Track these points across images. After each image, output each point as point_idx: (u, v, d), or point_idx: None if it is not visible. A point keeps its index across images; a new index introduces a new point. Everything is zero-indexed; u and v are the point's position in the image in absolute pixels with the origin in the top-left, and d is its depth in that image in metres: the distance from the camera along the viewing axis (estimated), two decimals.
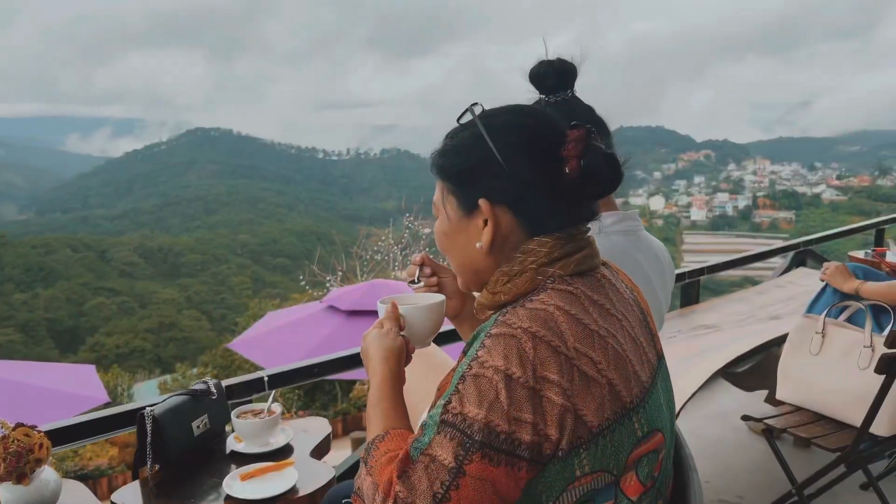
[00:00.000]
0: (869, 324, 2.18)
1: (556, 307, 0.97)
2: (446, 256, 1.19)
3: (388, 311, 1.25)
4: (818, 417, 2.28)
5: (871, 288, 2.51)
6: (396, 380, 1.17)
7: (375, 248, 15.55)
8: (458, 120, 1.14)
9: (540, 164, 1.05)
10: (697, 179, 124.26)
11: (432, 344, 2.07)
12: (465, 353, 1.03)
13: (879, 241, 5.14)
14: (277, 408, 1.81)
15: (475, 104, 1.12)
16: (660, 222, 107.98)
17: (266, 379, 2.07)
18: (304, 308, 9.16)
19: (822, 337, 2.28)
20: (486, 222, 1.08)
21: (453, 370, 1.11)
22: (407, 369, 1.91)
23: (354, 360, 2.27)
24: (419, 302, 1.31)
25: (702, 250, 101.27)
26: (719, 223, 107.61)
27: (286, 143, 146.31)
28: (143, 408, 1.67)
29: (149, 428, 1.64)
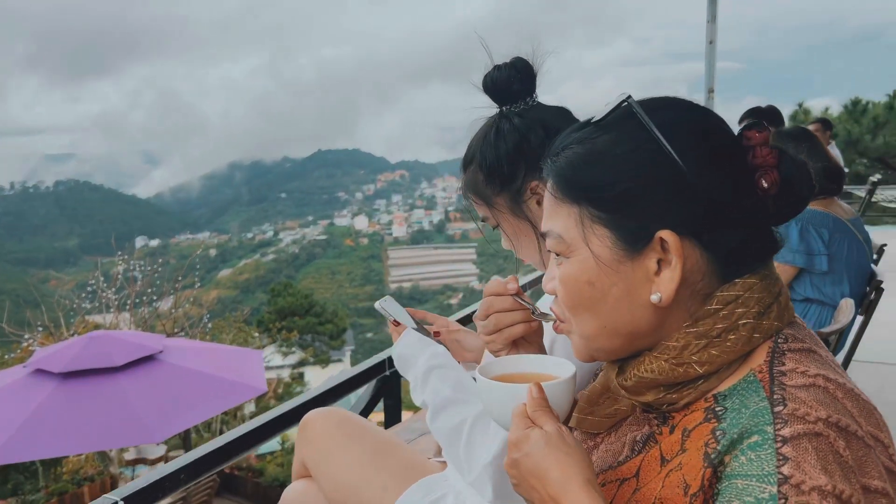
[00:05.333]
0: None
1: (822, 378, 0.71)
2: (575, 314, 0.82)
3: (536, 400, 0.79)
4: None
5: None
6: None
7: (83, 294, 13.39)
8: (596, 121, 0.81)
9: (731, 177, 0.77)
10: (395, 198, 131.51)
11: (367, 420, 1.63)
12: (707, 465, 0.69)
13: None
14: None
15: (629, 96, 0.79)
16: (365, 241, 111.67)
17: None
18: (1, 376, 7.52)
19: None
20: (659, 263, 0.76)
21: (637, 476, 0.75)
22: (346, 454, 1.46)
23: (218, 456, 1.68)
24: (551, 372, 0.90)
25: (406, 263, 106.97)
26: (418, 237, 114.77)
27: None
28: None
29: None
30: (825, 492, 0.61)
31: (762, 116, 4.69)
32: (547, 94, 1.29)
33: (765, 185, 0.76)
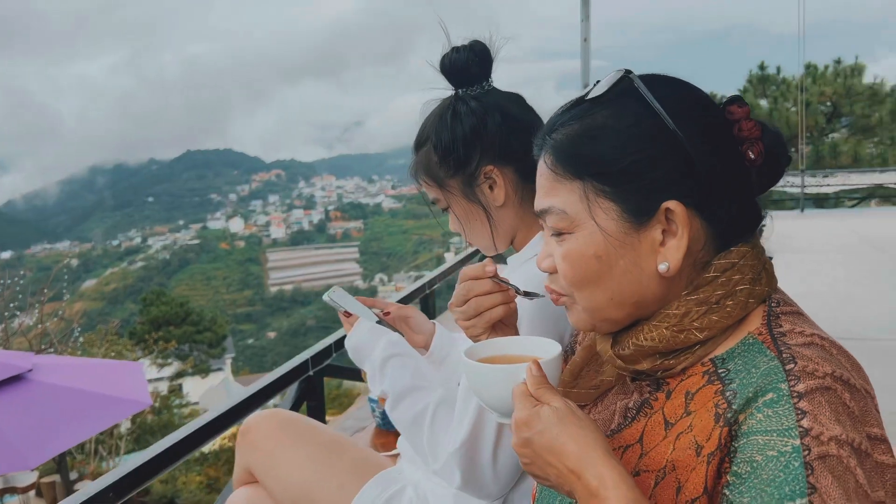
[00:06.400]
0: None
1: (818, 336, 0.75)
2: (580, 289, 0.83)
3: (537, 378, 0.78)
4: None
5: None
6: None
7: None
8: (594, 97, 0.82)
9: (723, 149, 0.80)
10: (272, 199, 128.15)
11: (311, 419, 1.57)
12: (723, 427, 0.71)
13: None
14: None
15: (629, 71, 0.81)
16: (242, 244, 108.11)
17: None
18: None
19: None
20: (663, 233, 0.79)
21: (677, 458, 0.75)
22: (296, 455, 1.41)
23: (147, 470, 1.56)
24: (535, 352, 0.88)
25: (287, 265, 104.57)
26: (298, 238, 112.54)
27: None
28: None
29: None
30: (841, 441, 0.65)
31: None
32: (426, 92, 1.27)
33: (752, 156, 0.80)
